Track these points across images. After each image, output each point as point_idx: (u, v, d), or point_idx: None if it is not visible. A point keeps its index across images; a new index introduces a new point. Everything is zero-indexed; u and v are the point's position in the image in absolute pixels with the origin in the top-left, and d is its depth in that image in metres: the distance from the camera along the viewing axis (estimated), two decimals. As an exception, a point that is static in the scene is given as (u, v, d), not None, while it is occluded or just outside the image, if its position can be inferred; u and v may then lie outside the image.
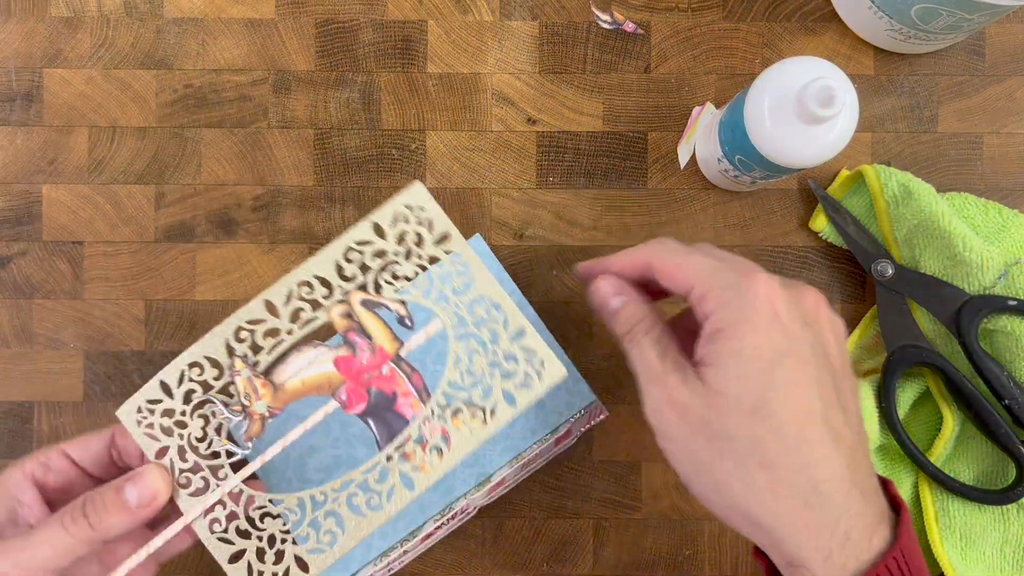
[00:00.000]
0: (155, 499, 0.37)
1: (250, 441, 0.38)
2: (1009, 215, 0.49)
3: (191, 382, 0.38)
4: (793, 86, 0.41)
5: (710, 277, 0.36)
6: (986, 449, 0.49)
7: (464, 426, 0.37)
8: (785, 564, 0.34)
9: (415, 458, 0.37)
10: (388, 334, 0.38)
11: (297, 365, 0.38)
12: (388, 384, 0.38)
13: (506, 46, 0.52)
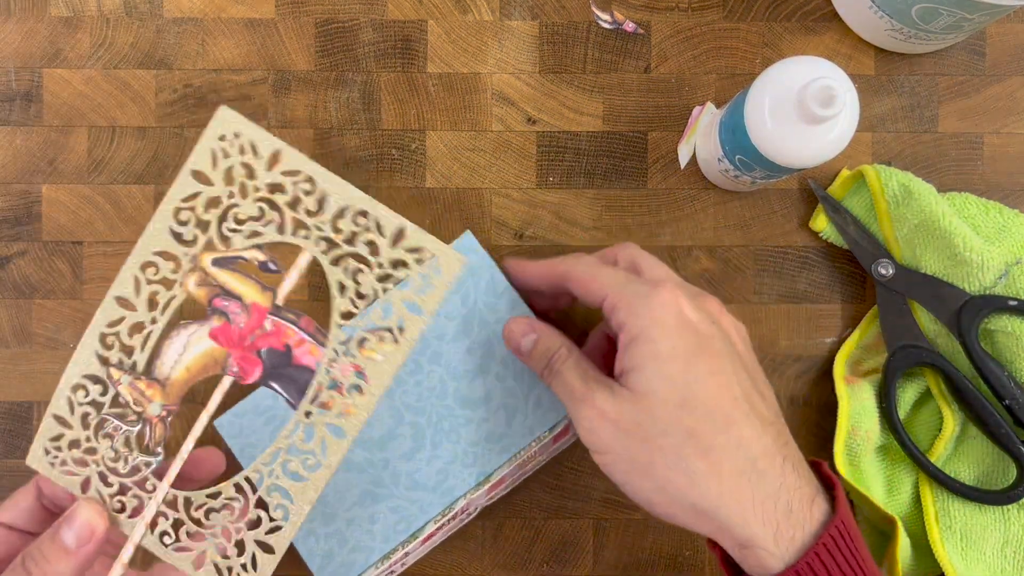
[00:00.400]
0: (93, 534, 0.35)
1: (159, 446, 0.35)
2: (1010, 215, 0.49)
3: (81, 406, 0.35)
4: (793, 86, 0.41)
5: (621, 288, 0.38)
6: (987, 449, 0.49)
7: (376, 354, 0.34)
8: (738, 547, 0.35)
9: (335, 405, 0.34)
10: (255, 287, 0.34)
11: (174, 353, 0.35)
12: (276, 339, 0.34)
13: (506, 46, 0.52)
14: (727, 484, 0.35)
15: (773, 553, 0.34)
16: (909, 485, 0.50)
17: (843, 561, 0.34)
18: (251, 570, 0.35)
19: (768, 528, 0.34)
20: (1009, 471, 0.49)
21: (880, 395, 0.49)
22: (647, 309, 0.37)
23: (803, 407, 0.52)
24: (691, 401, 0.35)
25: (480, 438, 0.45)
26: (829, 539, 0.34)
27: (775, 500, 0.35)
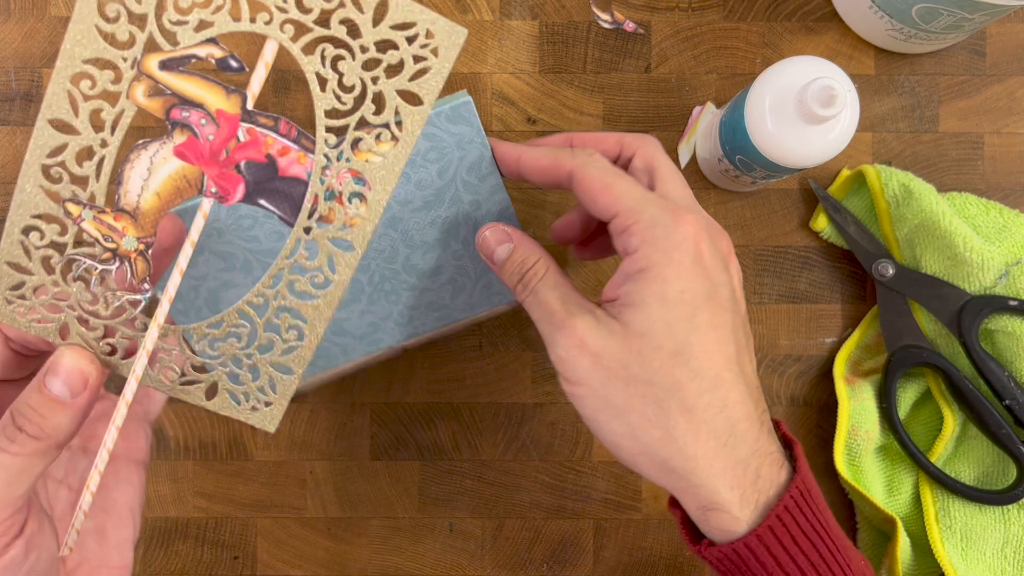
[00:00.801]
0: (87, 380, 0.31)
1: (145, 282, 0.31)
2: (1010, 215, 0.49)
3: (39, 249, 0.30)
4: (794, 86, 0.41)
5: (638, 208, 0.34)
6: (987, 449, 0.49)
7: (374, 155, 0.30)
8: (700, 508, 0.34)
9: (336, 216, 0.30)
10: (219, 90, 0.29)
11: (138, 178, 0.30)
12: (255, 150, 0.30)
13: (506, 46, 0.52)
14: (703, 446, 0.33)
15: (737, 517, 0.33)
16: (909, 485, 0.50)
17: (804, 521, 0.34)
18: (270, 392, 0.32)
19: (735, 492, 0.33)
20: (1009, 471, 0.49)
21: (880, 395, 0.49)
22: (665, 242, 0.34)
23: (803, 407, 0.52)
24: (685, 353, 0.33)
25: (420, 304, 0.43)
26: (790, 500, 0.33)
27: (746, 465, 0.33)
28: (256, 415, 0.33)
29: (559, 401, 0.51)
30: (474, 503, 0.51)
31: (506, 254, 0.38)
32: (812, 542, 0.34)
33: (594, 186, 0.35)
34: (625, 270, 0.35)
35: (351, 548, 0.51)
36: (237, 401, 0.33)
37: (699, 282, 0.34)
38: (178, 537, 0.51)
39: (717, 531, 0.34)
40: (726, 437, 0.33)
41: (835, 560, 0.34)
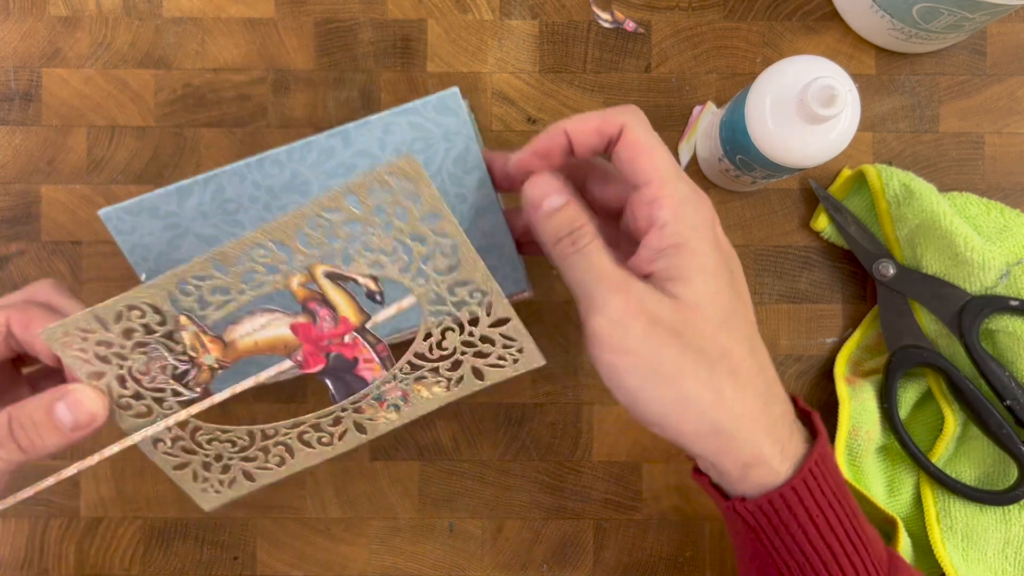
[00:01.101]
0: (92, 422, 0.34)
1: (198, 387, 0.36)
2: (1011, 215, 0.49)
3: (130, 322, 0.35)
4: (794, 85, 0.41)
5: (672, 182, 0.35)
6: (987, 450, 0.49)
7: (426, 391, 0.36)
8: (742, 466, 0.35)
9: (370, 412, 0.37)
10: (354, 306, 0.35)
11: (250, 326, 0.36)
12: (349, 350, 0.36)
13: (506, 45, 0.52)
14: (748, 405, 0.35)
15: (777, 471, 0.35)
16: (910, 485, 0.50)
17: (830, 477, 0.36)
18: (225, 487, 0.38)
19: (776, 447, 0.35)
20: (1010, 471, 0.49)
21: (881, 395, 0.49)
22: (694, 220, 0.35)
23: (804, 407, 0.52)
24: (731, 321, 0.35)
25: None
26: (818, 456, 0.35)
27: (782, 423, 0.36)
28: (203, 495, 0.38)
29: (559, 401, 0.51)
30: (474, 503, 0.51)
31: (560, 203, 0.36)
32: (837, 499, 0.36)
33: (640, 146, 0.35)
34: (654, 245, 0.35)
35: (351, 548, 0.51)
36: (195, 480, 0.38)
37: (723, 255, 0.36)
38: (178, 537, 0.51)
39: (756, 486, 0.35)
40: (766, 396, 0.35)
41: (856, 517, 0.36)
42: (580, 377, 0.51)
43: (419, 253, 0.35)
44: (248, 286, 0.35)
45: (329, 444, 0.37)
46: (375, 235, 0.34)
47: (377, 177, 0.34)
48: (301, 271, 0.35)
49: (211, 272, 0.34)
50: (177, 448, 0.37)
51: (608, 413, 0.51)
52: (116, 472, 0.51)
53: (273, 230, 0.34)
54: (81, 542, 0.51)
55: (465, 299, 0.35)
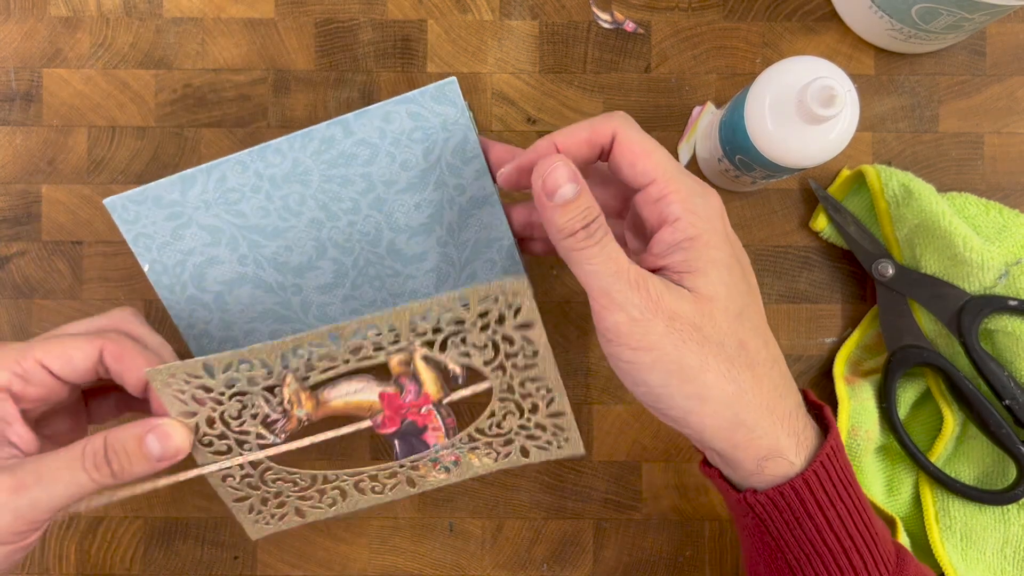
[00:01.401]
0: (177, 455, 0.37)
1: (283, 435, 0.40)
2: (1010, 215, 0.49)
3: (237, 373, 0.38)
4: (794, 86, 0.41)
5: (677, 178, 0.35)
6: (986, 449, 0.49)
7: (476, 460, 0.41)
8: (759, 459, 0.35)
9: (423, 471, 0.41)
10: (437, 383, 0.40)
11: (346, 390, 0.40)
12: (422, 419, 0.40)
13: (506, 45, 0.52)
14: (765, 396, 0.35)
15: (792, 462, 0.35)
16: (909, 485, 0.50)
17: (841, 470, 0.36)
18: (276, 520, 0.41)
19: (791, 439, 0.35)
20: (1009, 471, 0.49)
21: (880, 395, 0.49)
22: (705, 212, 0.35)
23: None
24: (746, 312, 0.35)
25: (403, 292, 0.44)
26: (830, 449, 0.35)
27: (796, 415, 0.36)
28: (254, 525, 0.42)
29: (559, 401, 0.51)
30: (474, 503, 0.51)
31: (574, 193, 0.34)
32: (847, 491, 0.36)
33: (636, 150, 0.35)
34: (668, 240, 0.35)
35: (351, 548, 0.51)
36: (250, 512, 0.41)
37: (733, 248, 0.36)
38: (178, 537, 0.51)
39: (770, 478, 0.35)
40: (782, 388, 0.36)
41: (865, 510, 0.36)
42: (580, 377, 0.52)
43: (505, 351, 0.38)
44: (354, 357, 0.38)
45: (380, 493, 0.41)
46: (473, 332, 0.38)
47: (492, 290, 0.37)
48: (404, 352, 0.39)
49: (326, 342, 0.38)
50: (243, 484, 0.40)
51: (608, 413, 0.52)
52: (117, 472, 0.51)
53: (392, 317, 0.37)
54: (82, 541, 0.51)
55: (532, 392, 0.39)
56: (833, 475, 0.35)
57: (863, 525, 0.36)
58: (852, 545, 0.36)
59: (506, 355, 0.38)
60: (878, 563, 0.36)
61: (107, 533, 0.51)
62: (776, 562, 0.37)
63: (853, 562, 0.35)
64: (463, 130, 0.41)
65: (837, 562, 0.35)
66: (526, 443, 0.40)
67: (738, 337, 0.35)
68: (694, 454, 0.52)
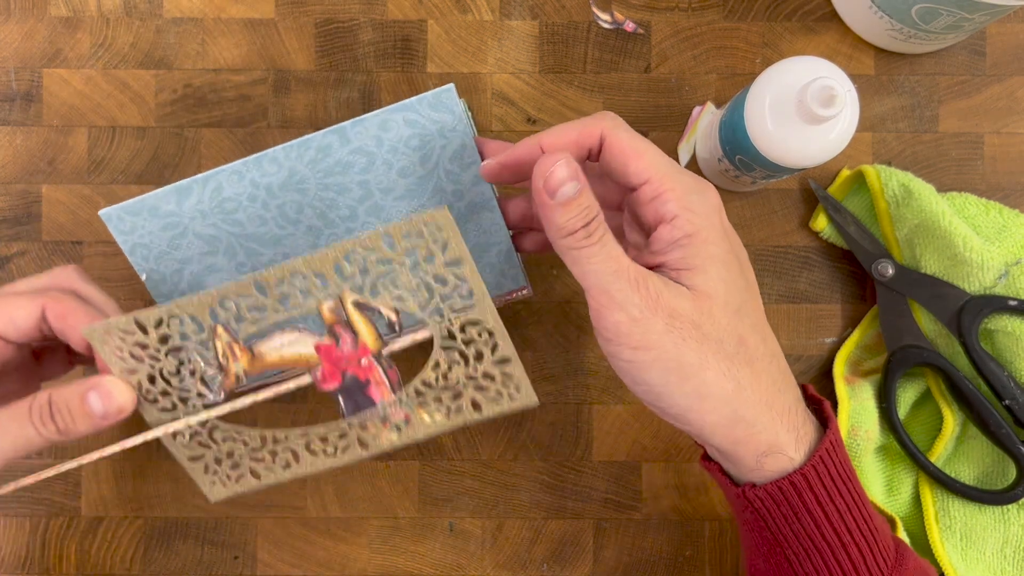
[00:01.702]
0: (120, 413, 0.37)
1: (221, 393, 0.39)
2: (1010, 215, 0.49)
3: (168, 329, 0.38)
4: (794, 86, 0.41)
5: (671, 175, 0.35)
6: (986, 449, 0.49)
7: (427, 416, 0.39)
8: (758, 455, 0.35)
9: (373, 430, 0.40)
10: (374, 333, 0.38)
11: (279, 342, 0.39)
12: (363, 372, 0.39)
13: (506, 46, 0.52)
14: (764, 392, 0.35)
15: (792, 457, 0.35)
16: (909, 485, 0.50)
17: (840, 464, 0.36)
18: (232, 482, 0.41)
19: (791, 435, 0.35)
20: (1009, 471, 0.49)
21: (880, 395, 0.49)
22: (702, 207, 0.35)
23: (803, 407, 0.52)
24: (744, 308, 0.35)
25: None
26: (829, 444, 0.35)
27: (795, 410, 0.36)
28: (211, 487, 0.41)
29: (559, 401, 0.51)
30: (474, 503, 0.51)
31: (574, 193, 0.34)
32: (846, 486, 0.36)
33: (626, 151, 0.35)
34: (666, 237, 0.35)
35: (351, 548, 0.51)
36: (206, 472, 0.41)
37: (731, 244, 0.36)
38: (178, 537, 0.51)
39: (769, 473, 0.35)
40: (780, 384, 0.36)
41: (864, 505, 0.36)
42: (580, 377, 0.52)
43: (439, 292, 0.37)
44: (283, 307, 0.38)
45: (332, 455, 0.40)
46: (402, 274, 0.37)
47: (413, 225, 0.36)
48: (333, 298, 0.38)
49: (252, 293, 0.38)
50: (193, 443, 0.40)
51: (608, 413, 0.52)
52: (117, 472, 0.51)
53: (314, 261, 0.37)
54: (82, 541, 0.51)
55: (474, 337, 0.38)
56: (832, 470, 0.35)
57: (862, 519, 0.36)
58: (851, 539, 0.36)
59: (441, 297, 0.38)
60: (877, 557, 0.36)
61: (107, 533, 0.51)
62: (775, 556, 0.37)
63: (852, 556, 0.35)
64: (460, 136, 0.42)
65: (836, 556, 0.35)
66: (476, 395, 0.39)
67: (737, 333, 0.35)
68: (694, 454, 0.52)
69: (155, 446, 0.51)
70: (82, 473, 0.51)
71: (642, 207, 0.36)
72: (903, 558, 0.37)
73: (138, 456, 0.51)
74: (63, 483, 0.51)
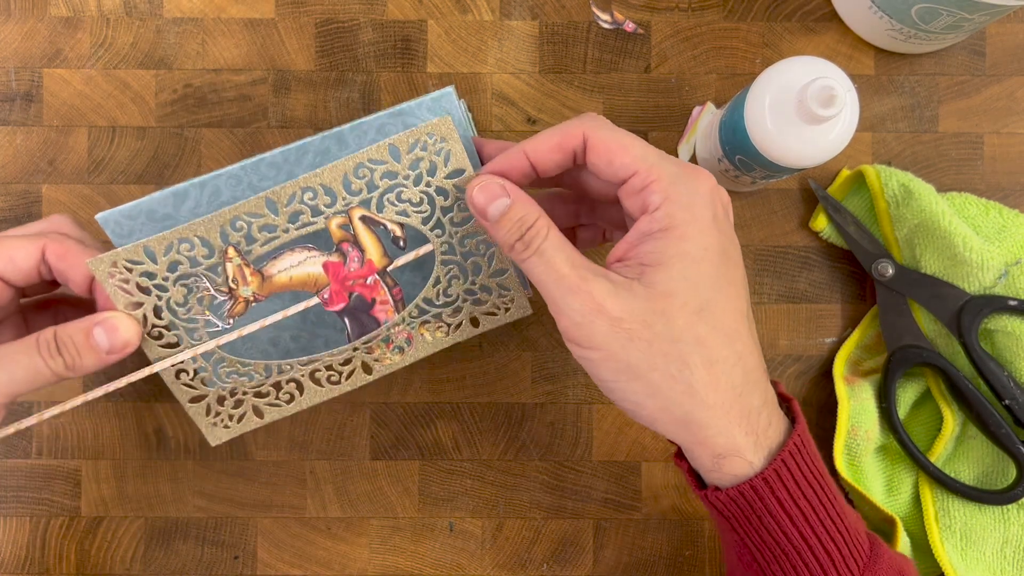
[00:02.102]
0: (126, 348, 0.38)
1: (231, 319, 0.40)
2: (1009, 215, 0.49)
3: (179, 255, 0.38)
4: (794, 86, 0.41)
5: (658, 166, 0.35)
6: (986, 449, 0.49)
7: (428, 335, 0.41)
8: (714, 457, 0.35)
9: (377, 352, 0.41)
10: (380, 250, 0.39)
11: (288, 262, 0.39)
12: (369, 292, 0.40)
13: (506, 46, 0.52)
14: (722, 396, 0.34)
15: (751, 461, 0.34)
16: (909, 485, 0.50)
17: (805, 467, 0.35)
18: (234, 423, 0.41)
19: (749, 438, 0.34)
20: (1009, 471, 0.49)
21: (880, 395, 0.49)
22: (688, 198, 0.34)
23: (803, 407, 0.52)
24: (709, 308, 0.34)
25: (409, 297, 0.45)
26: (793, 447, 0.35)
27: (759, 414, 0.35)
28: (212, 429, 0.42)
29: (559, 401, 0.52)
30: (474, 503, 0.51)
31: (502, 209, 0.36)
32: (813, 488, 0.35)
33: (611, 146, 0.35)
34: (643, 229, 0.35)
35: (351, 548, 0.51)
36: (207, 413, 0.41)
37: (717, 239, 0.35)
38: (178, 537, 0.51)
39: (729, 476, 0.35)
40: (742, 387, 0.34)
41: (833, 506, 0.35)
42: (580, 377, 0.52)
43: (440, 206, 0.39)
44: (293, 226, 0.38)
45: (337, 383, 0.41)
46: (406, 187, 0.39)
47: (417, 134, 0.38)
48: (341, 214, 0.39)
49: (263, 211, 0.38)
50: (197, 380, 0.40)
51: (608, 413, 0.52)
52: (117, 472, 0.51)
53: (324, 174, 0.38)
54: (82, 541, 0.51)
55: (472, 250, 0.40)
56: (796, 472, 0.35)
57: (829, 521, 0.35)
58: (818, 543, 0.35)
59: (442, 210, 0.39)
60: (847, 559, 0.35)
61: (107, 533, 0.51)
62: (744, 556, 0.37)
63: (819, 558, 0.35)
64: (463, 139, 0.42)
65: (803, 559, 0.35)
66: (474, 310, 0.41)
67: (696, 334, 0.34)
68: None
69: (155, 446, 0.51)
70: (82, 473, 0.51)
71: (629, 199, 0.35)
72: (877, 556, 0.36)
73: (139, 456, 0.51)
74: (63, 483, 0.51)
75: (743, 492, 0.34)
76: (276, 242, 0.39)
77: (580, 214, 0.43)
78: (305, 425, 0.51)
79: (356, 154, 0.38)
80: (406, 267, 0.40)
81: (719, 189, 0.36)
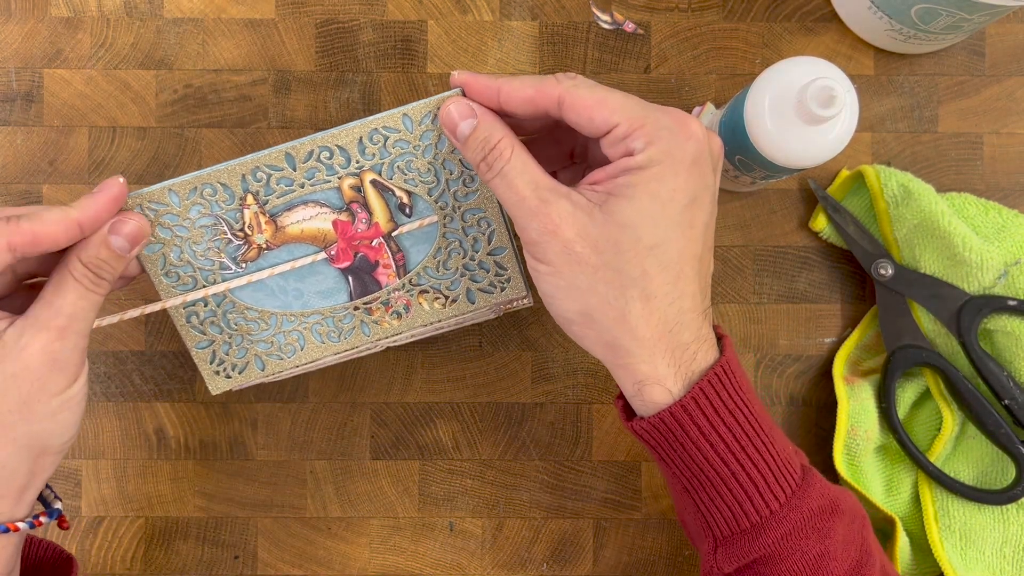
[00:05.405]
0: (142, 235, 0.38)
1: (244, 264, 0.41)
2: (1009, 215, 0.49)
3: (202, 198, 0.40)
4: (793, 86, 0.41)
5: (642, 114, 0.35)
6: (986, 449, 0.49)
7: (426, 304, 0.43)
8: (636, 383, 0.36)
9: (377, 315, 0.43)
10: (387, 214, 0.41)
11: (301, 215, 0.41)
12: (374, 253, 0.42)
13: (506, 46, 0.52)
14: (653, 329, 0.35)
15: (669, 390, 0.36)
16: (908, 485, 0.50)
17: (726, 396, 0.36)
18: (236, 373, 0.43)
19: (671, 369, 0.36)
20: (1008, 471, 0.49)
21: (880, 395, 0.49)
22: (671, 143, 0.35)
23: (803, 407, 0.52)
24: (661, 247, 0.35)
25: None
26: (713, 376, 0.36)
27: (685, 348, 0.36)
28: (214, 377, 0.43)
29: (559, 401, 0.52)
30: (474, 503, 0.52)
31: (469, 129, 0.37)
32: (734, 417, 0.36)
33: (588, 103, 0.36)
34: (622, 165, 0.35)
35: (351, 548, 0.52)
36: (212, 361, 0.43)
37: (691, 182, 0.35)
38: (179, 537, 0.51)
39: (650, 404, 0.36)
40: (674, 324, 0.36)
41: (757, 435, 0.36)
42: (580, 377, 0.52)
43: (446, 179, 0.41)
44: (309, 181, 0.40)
45: (336, 339, 0.43)
46: (416, 157, 0.40)
47: (430, 106, 0.39)
48: (354, 175, 0.40)
49: (283, 164, 0.40)
50: (206, 324, 0.42)
51: (608, 413, 0.52)
52: (118, 472, 0.51)
53: (341, 136, 0.39)
54: (83, 541, 0.51)
55: (474, 225, 0.41)
56: (716, 400, 0.36)
57: (753, 448, 0.36)
58: (740, 468, 0.36)
59: (448, 183, 0.41)
60: (771, 486, 0.36)
61: (107, 533, 0.51)
62: (676, 487, 0.38)
63: (743, 485, 0.36)
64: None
65: (728, 485, 0.36)
66: (470, 285, 0.43)
67: (642, 267, 0.35)
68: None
69: (156, 446, 0.51)
70: (82, 473, 0.51)
71: (612, 148, 0.36)
72: (808, 485, 0.37)
73: (139, 456, 0.51)
74: (63, 483, 0.51)
75: (664, 419, 0.36)
76: (291, 195, 0.40)
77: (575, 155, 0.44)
78: (305, 425, 0.51)
79: (372, 119, 0.39)
80: (409, 236, 0.42)
81: (709, 135, 0.36)
